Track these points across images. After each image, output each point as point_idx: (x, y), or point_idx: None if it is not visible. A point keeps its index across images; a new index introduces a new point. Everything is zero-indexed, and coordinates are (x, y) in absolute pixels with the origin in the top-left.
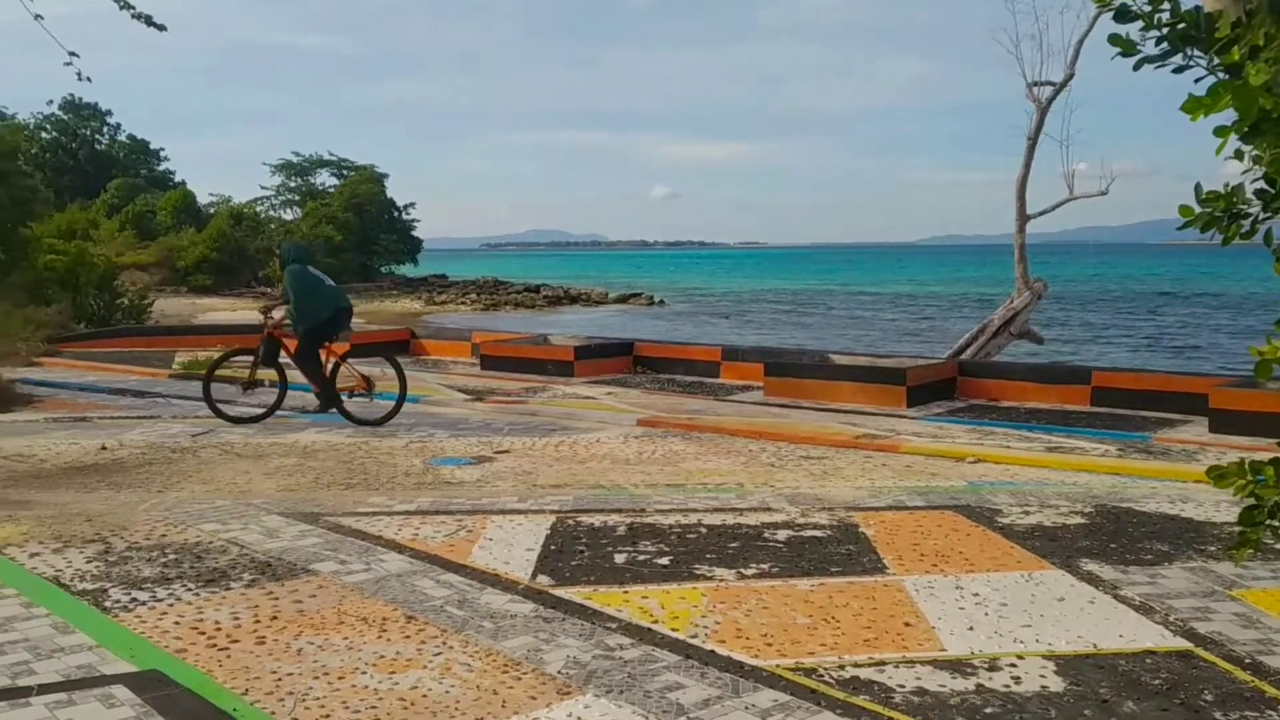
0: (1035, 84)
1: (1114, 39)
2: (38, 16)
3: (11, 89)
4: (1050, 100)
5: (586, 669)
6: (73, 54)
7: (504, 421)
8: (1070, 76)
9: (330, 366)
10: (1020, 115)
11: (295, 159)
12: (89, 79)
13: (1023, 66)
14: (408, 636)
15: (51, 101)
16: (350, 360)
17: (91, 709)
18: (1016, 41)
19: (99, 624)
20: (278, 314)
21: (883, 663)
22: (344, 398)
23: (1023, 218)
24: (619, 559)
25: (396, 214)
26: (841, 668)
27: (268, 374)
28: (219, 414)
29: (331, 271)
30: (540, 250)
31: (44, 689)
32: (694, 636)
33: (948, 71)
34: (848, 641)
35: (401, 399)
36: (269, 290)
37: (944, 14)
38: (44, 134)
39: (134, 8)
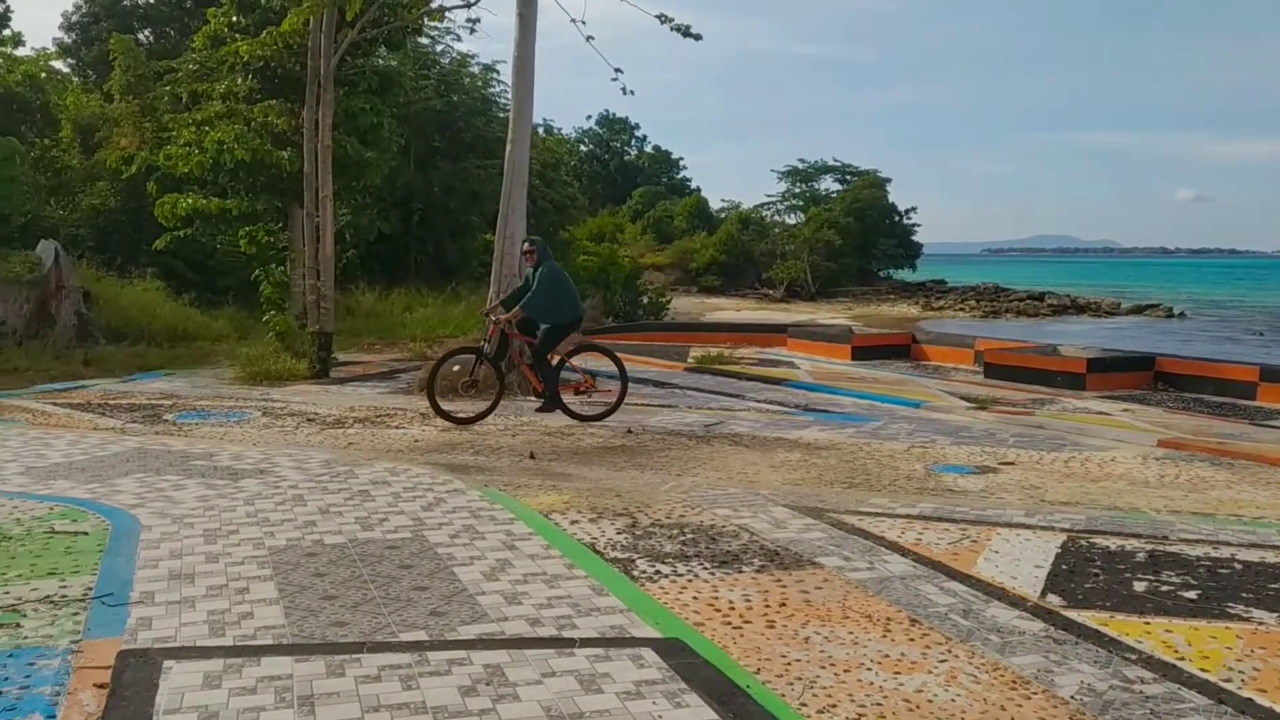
0: None
1: None
2: (589, 38)
3: (558, 107)
4: None
5: (1103, 698)
6: (618, 70)
7: (1009, 432)
8: None
9: (556, 364)
10: None
11: (801, 165)
12: (632, 92)
13: None
14: (912, 639)
15: (590, 117)
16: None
17: (623, 666)
18: None
19: (628, 590)
20: (502, 315)
21: None
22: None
23: None
24: (1138, 586)
25: (897, 219)
26: None
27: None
28: (445, 416)
29: (830, 275)
30: (1045, 256)
31: (585, 643)
32: (1227, 680)
33: None
34: None
35: (622, 396)
36: (771, 292)
37: None
38: (582, 146)
39: (672, 20)
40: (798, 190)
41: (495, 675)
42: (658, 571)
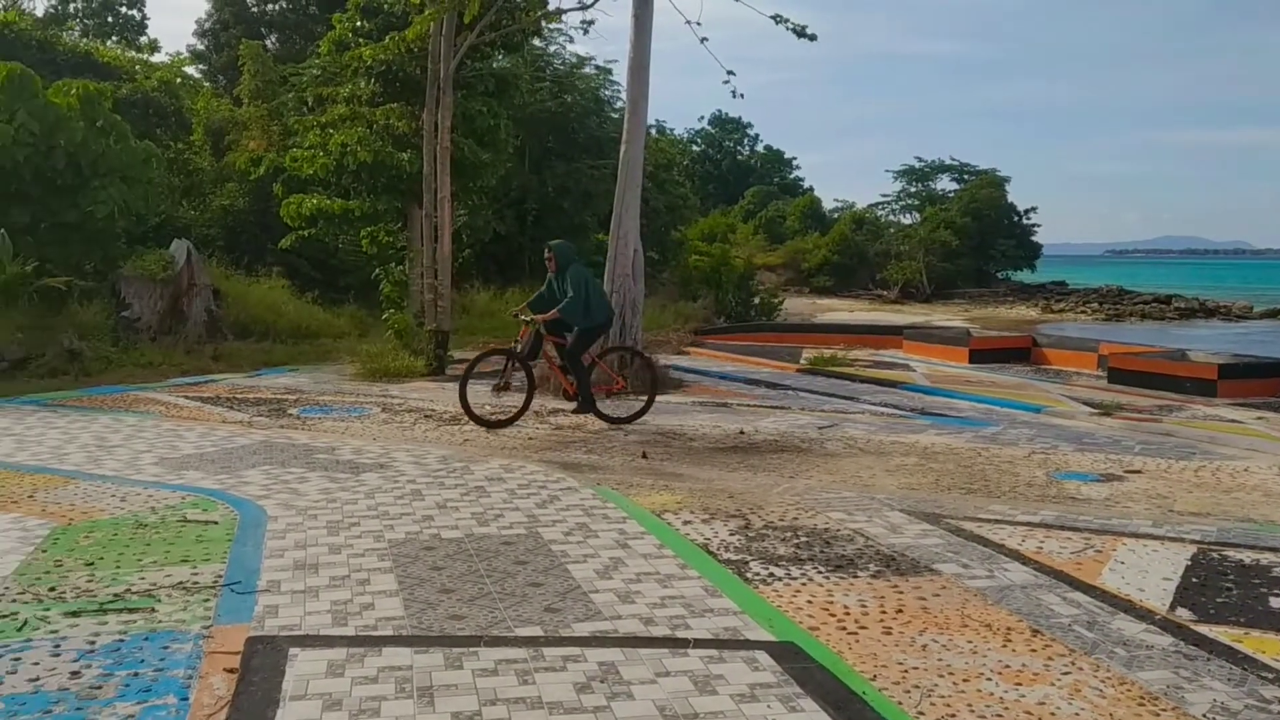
0: None
1: None
2: (703, 40)
3: (670, 108)
4: None
5: (1237, 718)
6: (730, 73)
7: (1134, 439)
8: None
9: (588, 366)
10: None
11: (917, 165)
12: (742, 95)
13: None
14: (1033, 650)
15: (702, 117)
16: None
17: (737, 669)
18: None
19: (741, 592)
20: (542, 316)
21: None
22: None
23: None
24: (1275, 603)
25: (1016, 219)
26: None
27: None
28: (477, 420)
29: (946, 276)
30: (1172, 258)
31: (698, 644)
32: None
33: None
34: None
35: (652, 398)
36: (884, 293)
37: None
38: (694, 147)
39: (787, 20)
40: (913, 190)
41: (609, 673)
42: (771, 574)
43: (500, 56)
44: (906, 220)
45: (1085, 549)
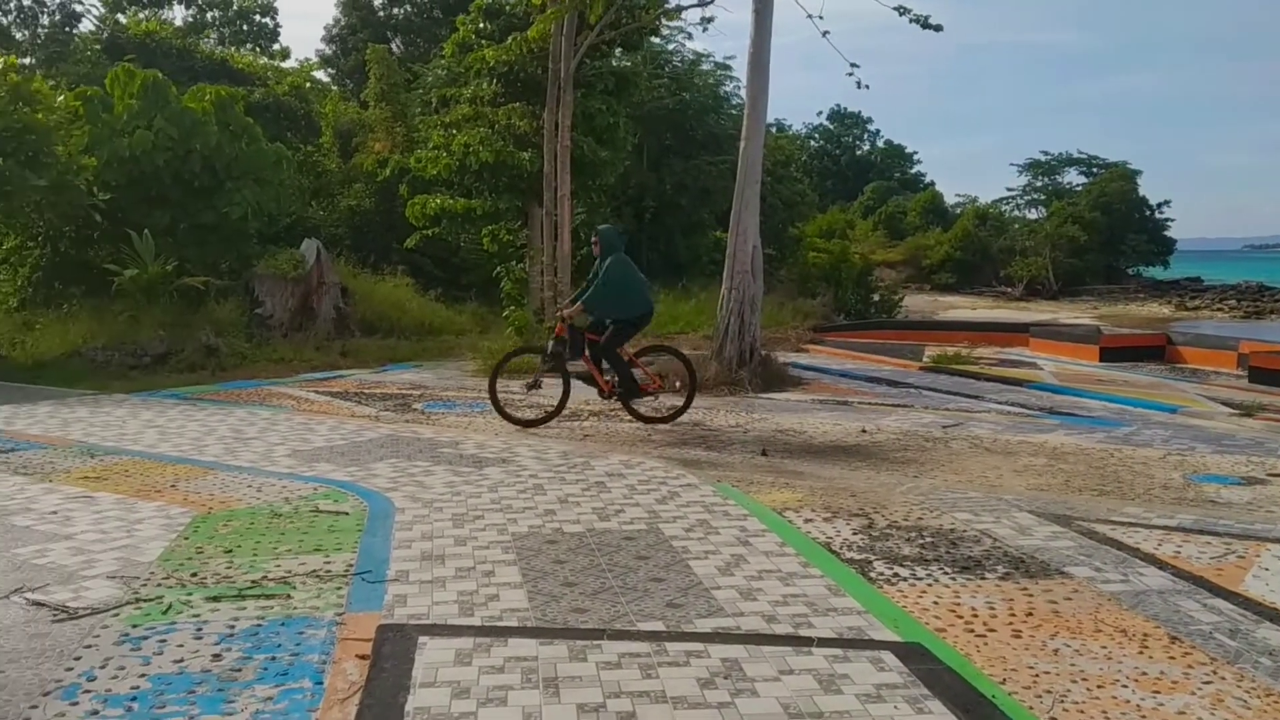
0: None
1: None
2: (825, 33)
3: (788, 103)
4: None
5: None
6: (854, 65)
7: (1278, 441)
8: None
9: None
10: None
11: (1043, 158)
12: (867, 86)
13: None
14: (1172, 658)
15: (820, 112)
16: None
17: (863, 668)
18: None
19: (865, 592)
20: (568, 311)
21: None
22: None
23: None
24: None
25: (1148, 213)
26: None
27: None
28: (510, 419)
29: (1073, 272)
30: None
31: (822, 642)
32: None
33: None
34: None
35: (690, 398)
36: (1009, 290)
37: None
38: (812, 142)
39: (910, 10)
40: (1039, 184)
41: (733, 670)
42: (896, 574)
43: (619, 55)
44: (1032, 215)
45: (1226, 554)
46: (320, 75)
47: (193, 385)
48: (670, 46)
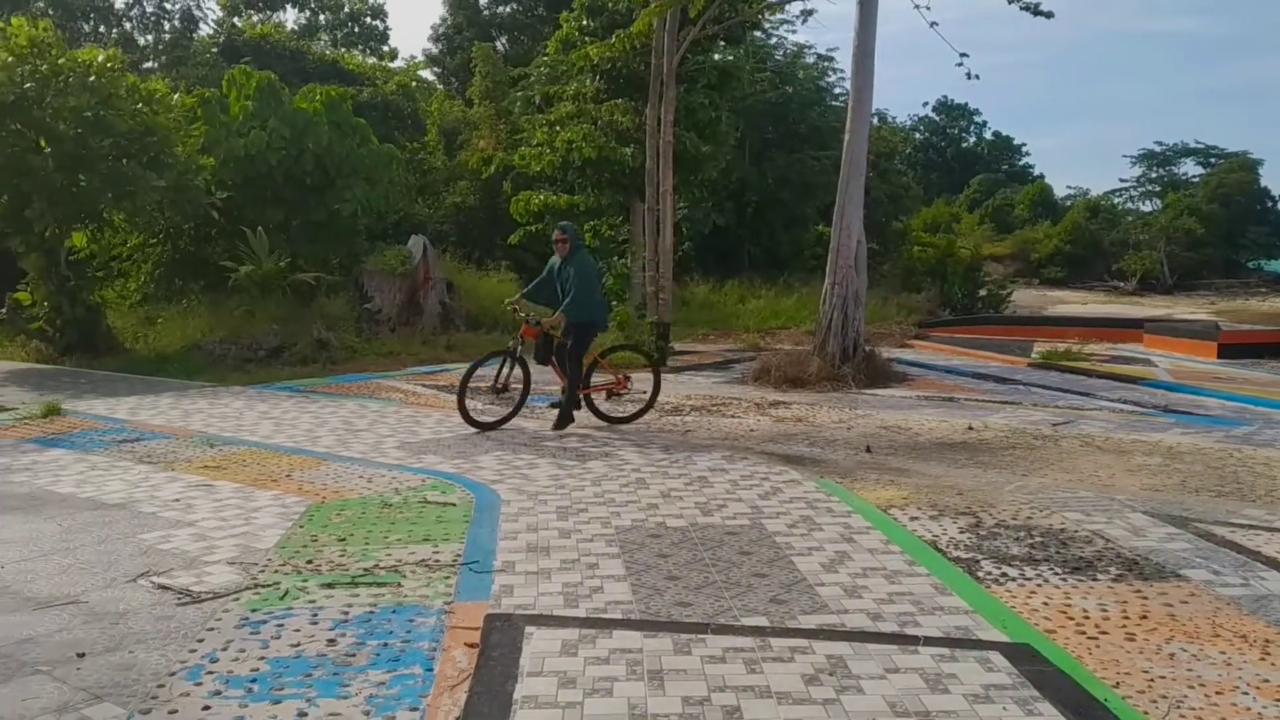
0: None
1: None
2: (933, 24)
3: (891, 95)
4: None
5: None
6: (963, 55)
7: None
8: None
9: (588, 366)
10: None
11: (1158, 149)
12: (977, 76)
13: None
14: None
15: (926, 104)
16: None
17: (970, 669)
18: None
19: (973, 591)
20: (549, 322)
21: None
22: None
23: None
24: None
25: (1270, 204)
26: None
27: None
28: (471, 422)
29: (1189, 266)
30: None
31: (929, 641)
32: None
33: None
34: None
35: (654, 397)
36: (1121, 285)
37: None
38: (917, 135)
39: None
40: (1154, 175)
41: (838, 666)
42: (1004, 574)
43: (722, 49)
44: (1146, 208)
45: None
46: (426, 74)
47: (305, 378)
48: (772, 40)
